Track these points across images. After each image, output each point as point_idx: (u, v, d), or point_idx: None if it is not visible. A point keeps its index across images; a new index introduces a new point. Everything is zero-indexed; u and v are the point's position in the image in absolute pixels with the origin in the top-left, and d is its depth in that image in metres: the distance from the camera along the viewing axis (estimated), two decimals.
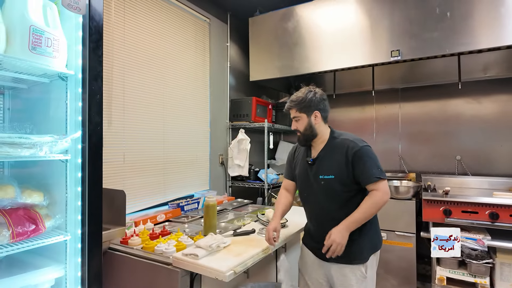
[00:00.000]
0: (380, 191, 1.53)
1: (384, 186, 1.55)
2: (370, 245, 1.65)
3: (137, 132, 2.35)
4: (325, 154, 1.68)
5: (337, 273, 1.63)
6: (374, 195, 1.53)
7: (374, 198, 1.53)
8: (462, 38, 2.37)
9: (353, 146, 1.59)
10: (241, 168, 3.24)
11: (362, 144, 1.60)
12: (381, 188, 1.54)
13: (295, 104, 1.71)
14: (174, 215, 2.38)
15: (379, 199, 1.53)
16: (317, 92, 1.72)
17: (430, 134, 3.49)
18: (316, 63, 2.95)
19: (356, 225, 1.54)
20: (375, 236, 1.70)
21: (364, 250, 1.61)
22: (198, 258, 1.44)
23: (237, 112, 3.32)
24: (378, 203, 1.53)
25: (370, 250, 1.64)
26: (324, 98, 1.73)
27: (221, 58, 3.33)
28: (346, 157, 1.59)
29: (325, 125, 1.73)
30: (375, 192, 1.54)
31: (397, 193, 2.88)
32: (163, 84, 2.59)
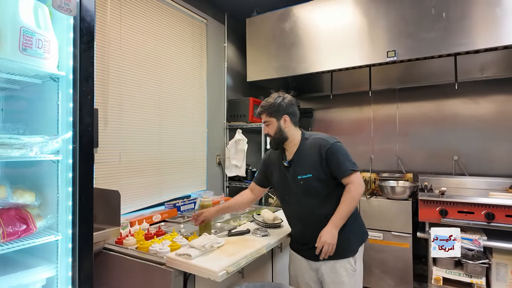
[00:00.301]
0: (354, 184, 1.62)
1: (357, 178, 1.64)
2: (357, 237, 1.73)
3: (134, 132, 2.36)
4: (300, 155, 1.74)
5: (328, 270, 1.67)
6: (350, 189, 1.62)
7: (351, 192, 1.61)
8: (457, 38, 2.37)
9: (325, 144, 1.68)
10: (238, 169, 3.24)
11: (332, 141, 1.69)
12: (355, 181, 1.62)
13: (265, 109, 1.78)
14: (170, 215, 2.39)
15: (356, 191, 1.61)
16: (286, 98, 1.78)
17: (427, 135, 3.49)
18: (313, 63, 2.96)
19: (342, 221, 1.61)
20: (360, 227, 1.78)
21: (352, 243, 1.69)
22: (191, 258, 1.44)
23: (234, 112, 3.33)
24: (356, 195, 1.61)
25: (357, 242, 1.72)
26: (293, 103, 1.79)
27: (219, 58, 3.33)
28: (320, 154, 1.66)
29: (295, 129, 1.79)
30: (350, 186, 1.62)
31: (394, 194, 2.88)
32: (159, 85, 2.60)
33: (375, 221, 2.94)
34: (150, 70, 2.51)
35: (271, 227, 2.07)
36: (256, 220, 2.18)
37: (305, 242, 1.73)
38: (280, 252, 2.31)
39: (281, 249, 2.31)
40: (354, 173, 1.63)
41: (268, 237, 1.88)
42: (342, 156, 1.65)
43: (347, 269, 1.64)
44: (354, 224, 1.71)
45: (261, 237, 1.88)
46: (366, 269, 2.99)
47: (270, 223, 2.10)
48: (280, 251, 2.31)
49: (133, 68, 2.37)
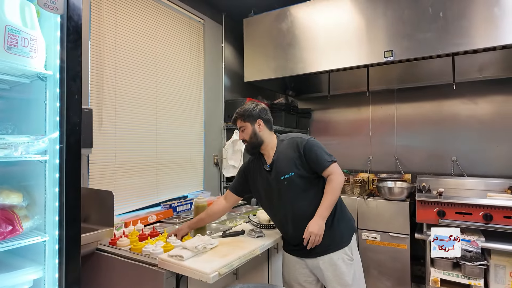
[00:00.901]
0: (334, 174, 1.67)
1: (336, 168, 1.69)
2: (347, 226, 1.78)
3: (129, 132, 2.35)
4: (279, 156, 1.78)
5: (326, 264, 1.70)
6: (331, 179, 1.67)
7: (333, 182, 1.66)
8: (455, 38, 2.35)
9: (301, 141, 1.74)
10: (235, 169, 3.22)
11: (307, 138, 1.76)
12: (334, 171, 1.68)
13: (239, 115, 1.85)
14: (166, 216, 2.37)
15: (337, 181, 1.67)
16: (259, 105, 1.87)
17: (426, 135, 3.47)
18: (310, 63, 2.94)
19: (327, 211, 1.65)
20: (347, 217, 1.81)
21: (344, 233, 1.74)
22: (183, 259, 1.43)
23: (231, 113, 3.29)
24: (338, 184, 1.67)
25: (348, 231, 1.77)
26: (266, 109, 1.87)
27: (216, 59, 3.32)
28: (298, 152, 1.72)
29: (270, 133, 1.85)
30: (331, 177, 1.67)
31: (391, 194, 2.86)
32: (156, 85, 2.59)
33: (373, 222, 2.92)
34: (146, 70, 2.50)
35: (266, 228, 2.06)
36: (252, 221, 2.17)
37: (299, 242, 1.71)
38: (276, 253, 2.29)
39: (277, 250, 2.30)
40: (333, 164, 1.68)
41: (263, 238, 1.87)
42: (318, 150, 1.71)
43: (344, 259, 1.68)
44: (342, 214, 1.77)
45: (255, 238, 1.86)
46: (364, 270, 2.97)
47: (265, 224, 2.08)
48: (276, 252, 2.29)
49: (128, 68, 2.36)
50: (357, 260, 1.76)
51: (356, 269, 1.72)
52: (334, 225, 1.71)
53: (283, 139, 1.82)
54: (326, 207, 1.64)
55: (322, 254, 1.69)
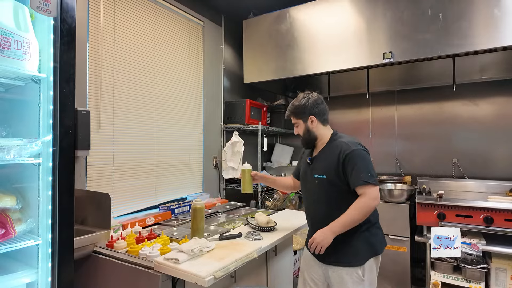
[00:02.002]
0: (365, 196, 1.55)
1: (371, 191, 1.55)
2: (368, 248, 1.64)
3: (127, 134, 2.35)
4: (322, 154, 1.75)
5: (334, 274, 1.66)
6: (359, 200, 1.56)
7: (359, 203, 1.55)
8: (454, 39, 2.34)
9: (346, 148, 1.63)
10: (235, 171, 3.22)
11: (355, 147, 1.62)
12: (367, 193, 1.55)
13: (291, 112, 1.82)
14: (164, 218, 2.36)
15: (364, 204, 1.54)
16: (311, 98, 1.77)
17: (426, 137, 3.45)
18: (309, 65, 2.94)
19: (341, 228, 1.56)
20: (374, 239, 1.66)
21: (360, 252, 1.62)
22: (179, 262, 1.42)
23: (231, 114, 3.31)
24: (363, 208, 1.54)
25: (367, 253, 1.63)
26: (319, 102, 1.78)
27: (215, 60, 3.32)
28: (338, 158, 1.63)
29: (325, 127, 1.80)
30: (361, 197, 1.56)
31: (391, 197, 2.85)
32: (154, 87, 2.59)
33: None
34: (145, 72, 2.50)
35: (264, 230, 2.05)
36: (250, 224, 2.15)
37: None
38: (275, 256, 2.28)
39: (276, 253, 2.29)
40: (369, 186, 1.55)
41: (261, 241, 1.86)
42: (360, 164, 1.58)
43: (353, 277, 1.60)
44: (366, 234, 1.64)
45: (253, 240, 1.85)
46: None
47: (264, 226, 2.07)
48: (275, 254, 2.28)
49: (127, 70, 2.36)
50: (369, 282, 1.64)
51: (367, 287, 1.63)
52: (353, 242, 1.62)
53: (335, 139, 1.75)
54: (341, 223, 1.56)
55: (333, 265, 1.66)
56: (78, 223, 1.92)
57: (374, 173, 1.60)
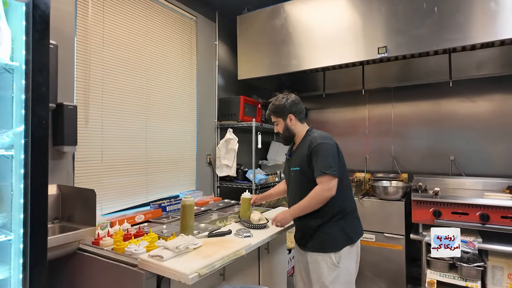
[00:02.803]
0: (320, 186, 1.70)
1: (326, 182, 1.68)
2: (343, 235, 1.74)
3: (117, 130, 2.31)
4: (297, 149, 1.91)
5: (312, 260, 1.79)
6: (315, 189, 1.71)
7: (314, 192, 1.71)
8: (450, 33, 2.30)
9: (314, 142, 1.78)
10: (229, 168, 3.18)
11: (321, 141, 1.77)
12: (322, 183, 1.69)
13: (272, 111, 1.97)
14: (155, 215, 2.32)
15: (317, 193, 1.69)
16: (289, 98, 1.92)
17: (423, 134, 3.42)
18: (304, 60, 2.89)
19: (297, 212, 1.77)
20: (349, 227, 1.77)
21: (335, 239, 1.73)
22: (163, 259, 1.38)
23: (225, 111, 3.27)
24: (316, 197, 1.69)
25: (342, 240, 1.74)
26: (297, 102, 1.93)
27: (209, 57, 3.28)
28: (308, 150, 1.79)
29: (302, 125, 1.94)
30: (317, 186, 1.71)
31: (386, 194, 2.80)
32: (146, 83, 2.55)
33: (367, 222, 2.86)
34: (135, 68, 2.46)
35: (255, 227, 2.00)
36: (242, 221, 2.11)
37: (296, 231, 1.94)
38: (267, 253, 2.24)
39: (268, 250, 2.24)
40: (325, 176, 1.68)
41: (250, 238, 1.81)
42: (321, 156, 1.72)
43: (328, 263, 1.71)
44: (341, 223, 1.75)
45: (243, 238, 1.81)
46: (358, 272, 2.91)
47: (255, 223, 2.03)
48: (267, 252, 2.24)
49: (117, 65, 2.32)
50: (345, 270, 1.73)
51: (340, 276, 1.72)
52: (327, 229, 1.75)
53: (309, 134, 1.88)
54: (298, 207, 1.76)
55: (310, 251, 1.79)
56: (65, 220, 1.88)
57: (335, 165, 1.70)
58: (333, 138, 1.82)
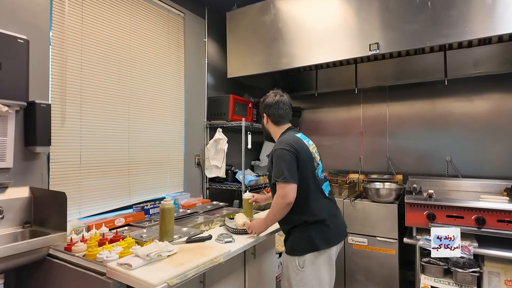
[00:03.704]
0: (276, 195, 1.69)
1: (280, 189, 1.66)
2: (307, 243, 1.70)
3: (97, 130, 2.21)
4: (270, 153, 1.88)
5: (284, 261, 1.82)
6: (274, 198, 1.72)
7: (272, 203, 1.74)
8: (444, 29, 2.20)
9: (274, 149, 1.78)
10: (218, 169, 3.09)
11: (278, 147, 1.74)
12: (277, 191, 1.68)
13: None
14: (136, 219, 2.23)
15: (274, 201, 1.70)
16: (266, 98, 1.92)
17: (419, 134, 3.33)
18: (295, 58, 2.80)
19: (269, 220, 1.78)
20: (316, 236, 1.70)
21: (298, 245, 1.72)
22: (131, 268, 1.29)
23: (214, 110, 3.18)
24: (274, 204, 1.70)
25: (306, 247, 1.70)
26: (271, 104, 1.88)
27: (198, 54, 3.18)
28: (271, 157, 1.81)
29: (276, 127, 1.92)
30: (275, 195, 1.70)
31: (379, 196, 2.71)
32: (129, 81, 2.46)
33: (359, 225, 2.77)
34: (118, 65, 2.37)
35: (238, 233, 1.91)
36: (227, 226, 2.02)
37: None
38: (254, 258, 2.15)
39: (255, 255, 2.15)
40: (278, 184, 1.66)
41: (231, 244, 1.72)
42: (277, 164, 1.69)
43: (292, 266, 1.72)
44: (306, 230, 1.72)
45: (223, 243, 1.72)
46: (350, 276, 2.83)
47: (240, 229, 1.93)
48: (254, 257, 2.15)
49: (97, 62, 2.22)
50: (310, 274, 1.68)
51: (305, 280, 1.69)
52: (291, 234, 1.77)
53: (279, 138, 1.86)
54: (268, 216, 1.77)
55: (285, 253, 1.81)
56: (37, 224, 1.79)
57: (287, 171, 1.64)
58: (293, 144, 1.72)
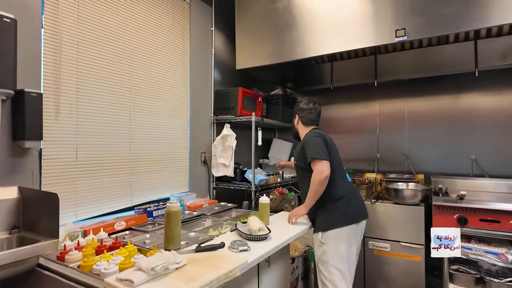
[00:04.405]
0: (314, 171, 1.93)
1: (317, 166, 1.92)
2: (326, 218, 1.99)
3: (95, 124, 2.00)
4: (298, 146, 2.19)
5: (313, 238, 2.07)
6: (312, 176, 1.94)
7: (311, 179, 1.94)
8: (478, 12, 1.97)
9: (305, 138, 2.09)
10: (226, 168, 2.87)
11: (309, 136, 2.06)
12: (314, 168, 1.93)
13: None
14: (138, 222, 2.02)
15: (313, 178, 1.93)
16: (301, 103, 2.25)
17: (440, 131, 3.10)
18: (310, 47, 2.58)
19: (309, 203, 1.99)
20: (337, 214, 1.97)
21: (322, 222, 2.00)
22: (133, 285, 1.08)
23: (222, 104, 2.96)
24: (314, 181, 1.92)
25: (329, 223, 1.97)
26: (304, 108, 2.21)
27: (205, 44, 2.97)
28: (302, 144, 2.08)
29: (304, 127, 2.21)
30: (312, 173, 1.94)
31: (403, 198, 2.49)
32: (130, 70, 2.24)
33: (381, 229, 2.55)
34: (118, 52, 2.16)
35: (254, 239, 1.70)
36: (239, 231, 1.80)
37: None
38: (268, 267, 1.93)
39: (269, 264, 1.94)
40: (314, 161, 1.93)
41: (247, 253, 1.51)
42: (309, 146, 1.98)
43: (317, 241, 2.01)
44: (328, 206, 1.99)
45: (238, 252, 1.51)
46: (371, 285, 2.61)
47: (254, 235, 1.72)
48: (268, 266, 1.93)
49: (95, 48, 2.01)
50: (333, 249, 1.92)
51: (327, 252, 1.94)
52: (316, 211, 2.03)
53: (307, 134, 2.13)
54: (307, 199, 1.98)
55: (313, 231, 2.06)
56: (26, 229, 1.58)
57: (322, 151, 1.93)
58: (322, 133, 2.05)
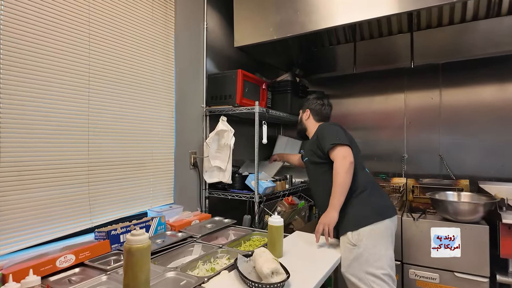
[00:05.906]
0: (336, 159, 1.63)
1: (338, 152, 1.63)
2: (360, 214, 1.63)
3: (30, 113, 1.39)
4: (307, 141, 1.96)
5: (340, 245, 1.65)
6: (335, 167, 1.62)
7: (336, 169, 1.61)
8: None
9: (318, 129, 1.83)
10: (222, 172, 2.27)
11: (324, 125, 1.83)
12: (336, 155, 1.63)
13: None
14: (96, 253, 1.41)
15: (336, 166, 1.61)
16: (315, 96, 1.99)
17: (483, 127, 2.54)
18: (327, 14, 1.97)
19: (338, 201, 1.60)
20: (367, 207, 1.65)
21: (350, 219, 1.63)
22: None
23: (216, 92, 2.35)
24: (338, 171, 1.60)
25: (359, 219, 1.62)
26: (319, 103, 1.95)
27: (194, 17, 2.36)
28: (316, 135, 1.81)
29: (315, 123, 1.94)
30: (334, 163, 1.63)
31: (456, 213, 1.89)
32: (88, 42, 1.63)
33: (426, 254, 1.96)
34: (71, 23, 1.54)
35: None
36: (240, 274, 1.20)
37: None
38: None
39: None
40: (334, 148, 1.65)
41: None
42: (325, 133, 1.73)
43: (345, 244, 1.60)
44: (353, 200, 1.66)
45: None
46: None
47: (265, 283, 1.11)
48: None
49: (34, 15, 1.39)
50: (368, 250, 1.55)
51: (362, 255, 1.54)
52: (346, 209, 1.65)
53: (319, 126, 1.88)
54: (334, 196, 1.62)
55: (339, 235, 1.67)
56: None
57: (342, 136, 1.67)
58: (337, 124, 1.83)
